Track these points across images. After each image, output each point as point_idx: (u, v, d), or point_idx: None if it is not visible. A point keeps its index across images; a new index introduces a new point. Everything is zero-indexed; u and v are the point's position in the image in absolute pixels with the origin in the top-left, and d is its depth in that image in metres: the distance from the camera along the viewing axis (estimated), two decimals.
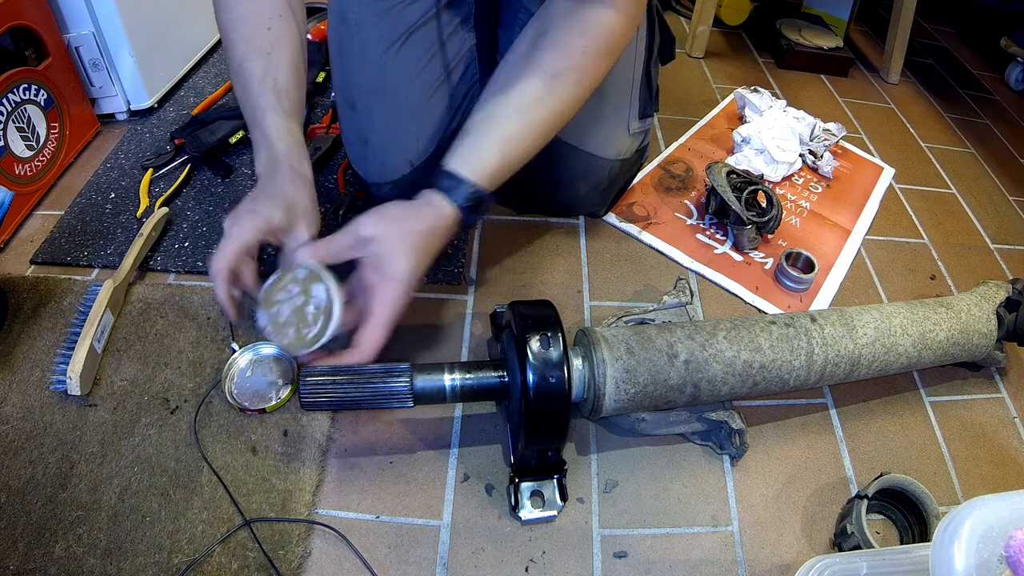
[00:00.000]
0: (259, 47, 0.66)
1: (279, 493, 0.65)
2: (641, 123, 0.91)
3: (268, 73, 0.65)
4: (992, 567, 0.41)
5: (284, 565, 0.60)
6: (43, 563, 0.59)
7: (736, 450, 0.72)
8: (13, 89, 0.87)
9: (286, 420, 0.71)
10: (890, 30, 1.49)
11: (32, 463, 0.65)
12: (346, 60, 0.80)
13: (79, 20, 0.98)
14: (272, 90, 0.65)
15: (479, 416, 0.74)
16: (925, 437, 0.79)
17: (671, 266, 0.95)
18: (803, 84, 1.46)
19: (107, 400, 0.71)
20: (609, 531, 0.66)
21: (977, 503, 0.43)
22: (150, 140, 1.06)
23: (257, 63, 0.65)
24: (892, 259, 1.02)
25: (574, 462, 0.71)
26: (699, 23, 1.46)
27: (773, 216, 0.96)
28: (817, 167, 1.16)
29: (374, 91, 0.80)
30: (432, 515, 0.66)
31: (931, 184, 1.21)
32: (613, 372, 0.63)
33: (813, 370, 0.69)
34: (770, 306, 0.91)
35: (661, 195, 1.07)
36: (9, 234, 0.89)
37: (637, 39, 0.86)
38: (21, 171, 0.91)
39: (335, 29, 0.80)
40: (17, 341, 0.75)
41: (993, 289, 0.82)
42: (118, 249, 0.87)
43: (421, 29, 0.77)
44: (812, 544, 0.67)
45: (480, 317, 0.84)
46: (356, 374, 0.61)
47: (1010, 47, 1.61)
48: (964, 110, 1.48)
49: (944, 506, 0.69)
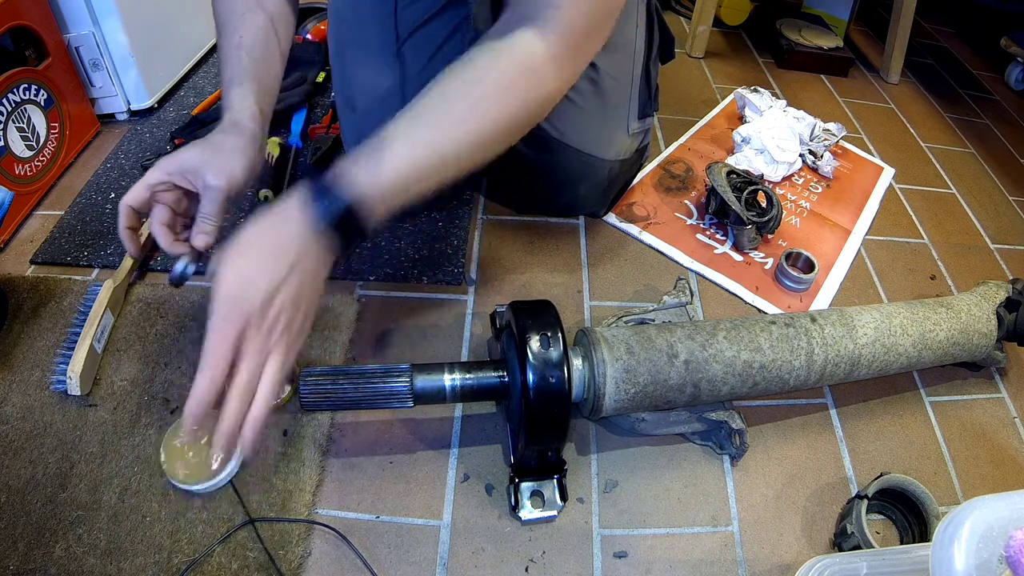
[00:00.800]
0: (233, 25, 0.68)
1: (279, 493, 0.65)
2: (641, 123, 0.91)
3: (232, 41, 0.67)
4: (992, 567, 0.41)
5: (284, 565, 0.60)
6: (43, 563, 0.59)
7: (736, 450, 0.72)
8: (13, 89, 0.87)
9: (286, 420, 0.71)
10: (890, 30, 1.49)
11: (32, 463, 0.65)
12: (346, 60, 0.80)
13: (79, 20, 0.98)
14: (236, 60, 0.67)
15: (479, 416, 0.74)
16: (925, 437, 0.79)
17: (671, 266, 0.95)
18: (803, 84, 1.46)
19: (107, 400, 0.71)
20: (609, 531, 0.66)
21: (977, 503, 0.43)
22: (150, 140, 1.06)
23: (228, 38, 0.67)
24: (892, 259, 1.02)
25: (574, 462, 0.71)
26: (699, 23, 1.46)
27: (773, 216, 0.96)
28: (817, 167, 1.16)
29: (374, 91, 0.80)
30: (432, 515, 0.66)
31: (931, 184, 1.21)
32: (613, 372, 0.63)
33: (813, 370, 0.69)
34: (770, 306, 0.91)
35: (661, 195, 1.07)
36: (9, 234, 0.89)
37: (636, 38, 0.86)
38: (21, 171, 0.91)
39: (335, 29, 0.80)
40: (17, 341, 0.75)
41: (993, 289, 0.82)
42: (118, 249, 0.87)
43: (422, 30, 0.77)
44: (812, 544, 0.67)
45: (480, 317, 0.84)
46: (356, 374, 0.61)
47: (1010, 47, 1.61)
48: (964, 110, 1.48)
49: (944, 506, 0.69)
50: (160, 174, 0.61)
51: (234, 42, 0.67)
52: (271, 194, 0.94)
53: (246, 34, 0.68)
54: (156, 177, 0.61)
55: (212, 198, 0.61)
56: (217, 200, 0.61)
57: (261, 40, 0.68)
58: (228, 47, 0.68)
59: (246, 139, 0.64)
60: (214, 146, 0.62)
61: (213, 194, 0.61)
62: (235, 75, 0.67)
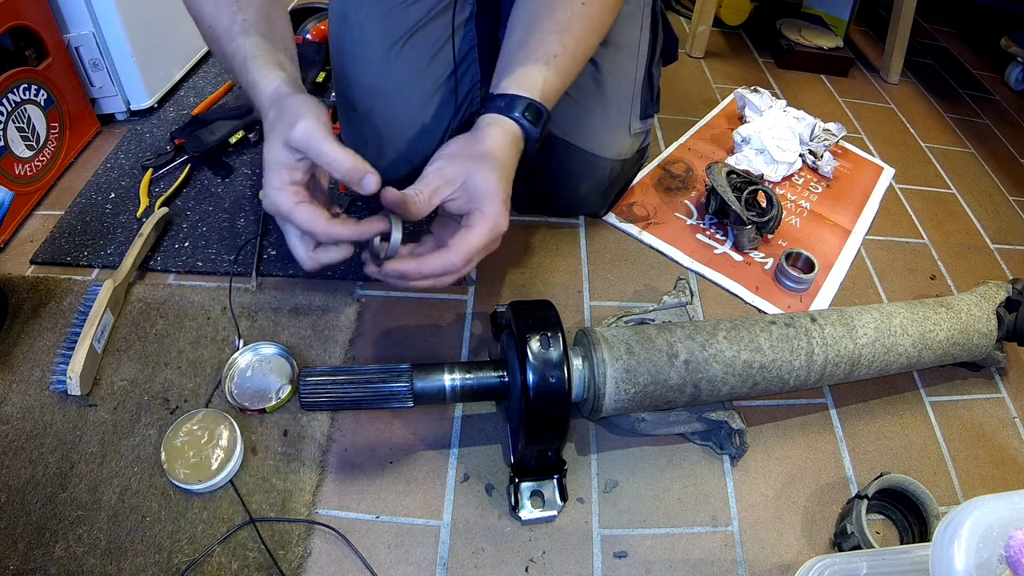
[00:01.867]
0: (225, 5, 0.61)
1: (279, 493, 0.65)
2: (642, 123, 0.91)
3: (235, 18, 0.60)
4: (992, 567, 0.41)
5: (284, 565, 0.60)
6: (43, 563, 0.59)
7: (736, 450, 0.72)
8: (13, 89, 0.87)
9: (286, 420, 0.71)
10: (890, 30, 1.49)
11: (32, 463, 0.65)
12: (347, 60, 0.80)
13: (79, 20, 0.98)
14: (243, 33, 0.59)
15: (479, 416, 0.74)
16: (925, 437, 0.79)
17: (671, 266, 0.95)
18: (803, 84, 1.46)
19: (107, 400, 0.71)
20: (609, 531, 0.66)
21: (977, 503, 0.43)
22: (150, 140, 1.06)
23: (224, 16, 0.61)
24: (892, 259, 1.02)
25: (574, 462, 0.71)
26: (699, 23, 1.46)
27: (773, 216, 0.96)
28: (817, 167, 1.16)
29: (375, 91, 0.80)
30: (432, 515, 0.66)
31: (931, 184, 1.21)
32: (613, 372, 0.63)
33: (813, 370, 0.69)
34: (770, 306, 0.91)
35: (661, 195, 1.07)
36: (9, 234, 0.89)
37: (641, 38, 0.85)
38: (21, 171, 0.91)
39: (336, 29, 0.80)
40: (17, 341, 0.75)
41: (993, 289, 0.82)
42: (118, 249, 0.87)
43: (423, 30, 0.77)
44: (812, 544, 0.67)
45: (480, 317, 0.84)
46: (356, 374, 0.61)
47: (1010, 47, 1.61)
48: (964, 110, 1.48)
49: (944, 506, 0.69)
50: (288, 174, 0.53)
51: (230, 16, 0.60)
52: None
53: (250, 15, 0.61)
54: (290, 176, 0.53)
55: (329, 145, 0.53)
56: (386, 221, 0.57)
57: (265, 14, 0.62)
58: (224, 22, 0.61)
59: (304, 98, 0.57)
60: (293, 114, 0.54)
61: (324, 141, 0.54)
62: (253, 53, 0.59)
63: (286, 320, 0.80)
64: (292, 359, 0.75)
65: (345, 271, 0.87)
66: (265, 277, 0.86)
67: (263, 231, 0.91)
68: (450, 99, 0.82)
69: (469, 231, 0.56)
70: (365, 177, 0.52)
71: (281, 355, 0.76)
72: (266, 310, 0.81)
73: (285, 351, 0.76)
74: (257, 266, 0.86)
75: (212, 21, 0.61)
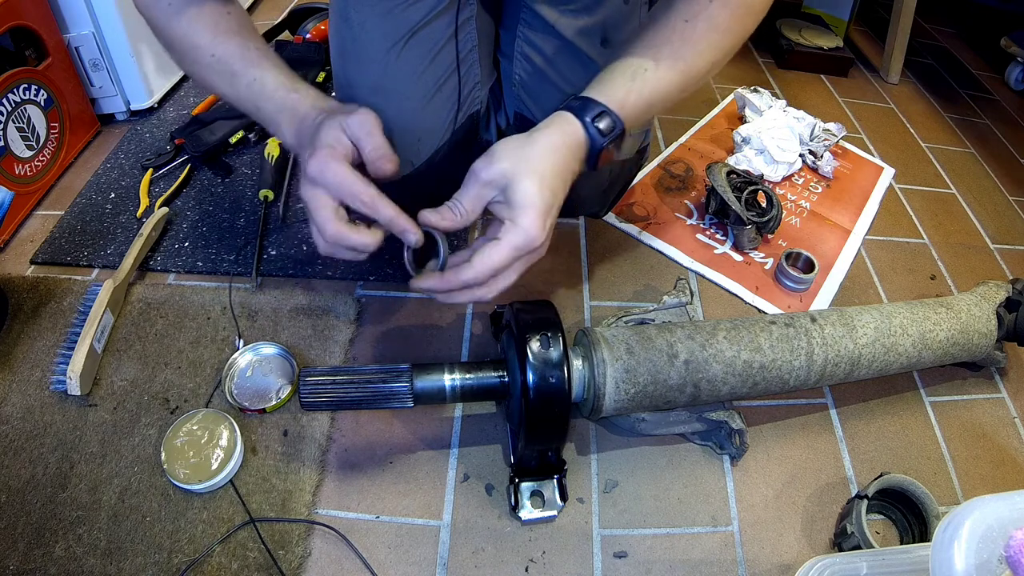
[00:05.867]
0: (226, 29, 0.62)
1: (279, 493, 0.65)
2: None
3: (248, 43, 0.61)
4: (992, 567, 0.41)
5: (284, 565, 0.60)
6: (43, 563, 0.59)
7: (736, 450, 0.72)
8: (13, 89, 0.87)
9: (286, 420, 0.71)
10: (890, 30, 1.49)
11: (32, 463, 0.65)
12: (348, 60, 0.80)
13: (79, 20, 0.98)
14: (260, 55, 0.61)
15: (479, 416, 0.74)
16: (925, 437, 0.79)
17: (671, 266, 0.95)
18: (803, 84, 1.46)
19: (107, 400, 0.71)
20: (609, 531, 0.66)
21: (977, 503, 0.43)
22: (150, 140, 1.06)
23: (233, 41, 0.62)
24: (892, 259, 1.02)
25: (574, 462, 0.71)
26: None
27: (773, 216, 0.96)
28: (817, 167, 1.16)
29: (375, 91, 0.80)
30: (432, 515, 0.66)
31: (931, 184, 1.21)
32: (613, 372, 0.63)
33: (813, 370, 0.69)
34: (770, 306, 0.91)
35: (661, 195, 1.07)
36: (9, 234, 0.89)
37: None
38: (21, 171, 0.91)
39: (337, 29, 0.80)
40: (17, 341, 0.75)
41: (993, 289, 0.82)
42: (118, 249, 0.87)
43: (424, 30, 0.77)
44: (812, 544, 0.67)
45: (480, 317, 0.84)
46: (356, 374, 0.61)
47: (1010, 47, 1.61)
48: (964, 110, 1.48)
49: (944, 506, 0.69)
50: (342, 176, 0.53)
51: (239, 41, 0.62)
52: (271, 194, 0.94)
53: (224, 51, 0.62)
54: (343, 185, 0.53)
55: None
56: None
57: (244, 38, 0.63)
58: (232, 48, 0.62)
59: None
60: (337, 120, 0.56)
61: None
62: (266, 67, 0.61)
63: (286, 320, 0.80)
64: (292, 359, 0.75)
65: (345, 271, 0.87)
66: (265, 277, 0.86)
67: (263, 231, 0.91)
68: (452, 99, 0.82)
69: (495, 245, 0.55)
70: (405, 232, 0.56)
71: (281, 355, 0.76)
72: (266, 310, 0.81)
73: (285, 351, 0.76)
74: (257, 266, 0.86)
75: (215, 49, 0.61)
